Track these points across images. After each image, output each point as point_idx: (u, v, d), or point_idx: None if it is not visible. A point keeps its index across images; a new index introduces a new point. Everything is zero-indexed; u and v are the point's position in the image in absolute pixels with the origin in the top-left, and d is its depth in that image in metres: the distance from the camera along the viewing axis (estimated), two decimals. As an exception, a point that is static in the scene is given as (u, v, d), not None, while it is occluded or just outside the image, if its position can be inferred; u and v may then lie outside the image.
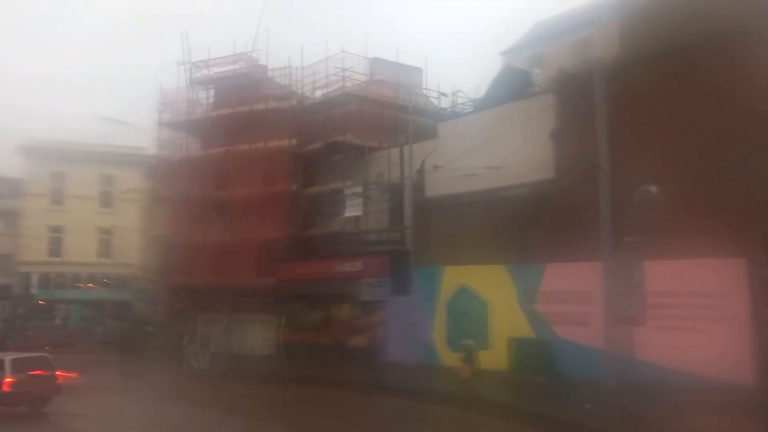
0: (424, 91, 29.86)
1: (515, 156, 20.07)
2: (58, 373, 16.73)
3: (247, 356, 27.76)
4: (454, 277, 21.29)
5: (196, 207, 29.86)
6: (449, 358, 21.02)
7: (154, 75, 34.21)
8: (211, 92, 31.53)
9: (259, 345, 27.91)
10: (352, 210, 25.39)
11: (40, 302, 41.96)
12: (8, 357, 16.22)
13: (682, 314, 16.03)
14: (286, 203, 27.89)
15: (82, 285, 43.70)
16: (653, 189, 14.31)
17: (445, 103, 29.37)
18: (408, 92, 27.64)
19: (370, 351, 23.51)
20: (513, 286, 19.30)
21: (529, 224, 18.53)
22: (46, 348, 35.30)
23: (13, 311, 41.11)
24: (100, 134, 42.98)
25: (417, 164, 23.75)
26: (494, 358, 18.78)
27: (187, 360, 25.46)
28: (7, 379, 15.45)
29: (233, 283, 28.17)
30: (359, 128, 26.83)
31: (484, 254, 19.94)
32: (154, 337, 29.46)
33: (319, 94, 28.43)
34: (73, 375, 17.53)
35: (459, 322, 20.87)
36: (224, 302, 28.67)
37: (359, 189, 25.47)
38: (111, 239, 45.04)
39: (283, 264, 27.51)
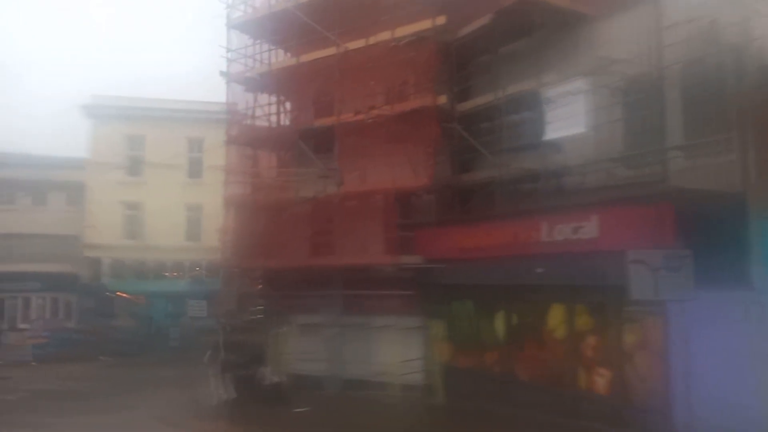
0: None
1: None
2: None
3: (376, 385, 16.54)
4: None
5: (282, 146, 18.90)
6: None
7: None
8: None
9: (396, 368, 16.44)
10: (568, 124, 13.09)
11: (121, 295, 33.17)
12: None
13: None
14: (430, 129, 16.07)
15: (167, 274, 34.64)
16: None
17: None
18: None
19: (624, 405, 11.23)
20: None
21: None
22: (101, 358, 26.58)
23: (82, 307, 32.48)
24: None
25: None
26: None
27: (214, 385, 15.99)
28: None
29: (346, 266, 17.01)
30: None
31: None
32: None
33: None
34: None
35: None
36: (333, 297, 17.51)
37: (579, 83, 13.09)
38: (201, 217, 35.75)
39: (431, 232, 15.81)
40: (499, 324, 13.96)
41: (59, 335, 26.89)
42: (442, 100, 16.26)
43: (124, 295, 32.76)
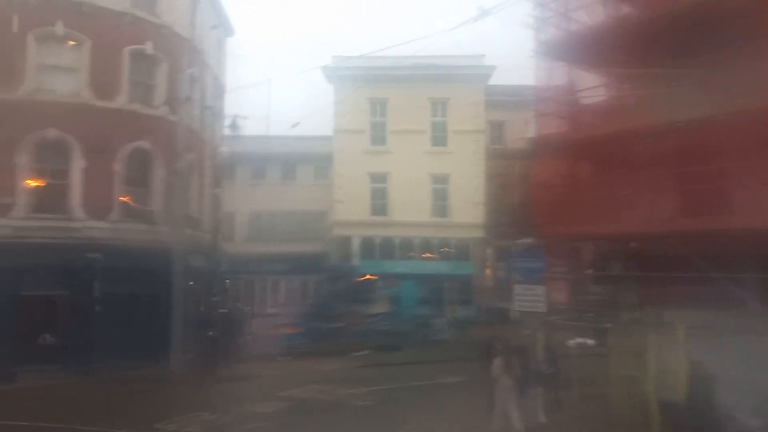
0: None
1: None
2: None
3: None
4: None
5: (621, 51, 12.11)
6: None
7: None
8: None
9: None
10: None
11: (371, 278, 29.34)
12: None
13: None
14: None
15: (415, 255, 30.20)
16: None
17: None
18: None
19: None
20: None
21: None
22: (355, 354, 22.11)
23: (332, 291, 29.14)
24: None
25: None
26: None
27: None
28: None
29: (762, 231, 9.84)
30: None
31: None
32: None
33: None
34: None
35: None
36: (738, 284, 10.41)
37: None
38: (448, 190, 30.84)
39: None
40: None
41: (312, 325, 23.23)
42: None
43: (374, 278, 28.78)
